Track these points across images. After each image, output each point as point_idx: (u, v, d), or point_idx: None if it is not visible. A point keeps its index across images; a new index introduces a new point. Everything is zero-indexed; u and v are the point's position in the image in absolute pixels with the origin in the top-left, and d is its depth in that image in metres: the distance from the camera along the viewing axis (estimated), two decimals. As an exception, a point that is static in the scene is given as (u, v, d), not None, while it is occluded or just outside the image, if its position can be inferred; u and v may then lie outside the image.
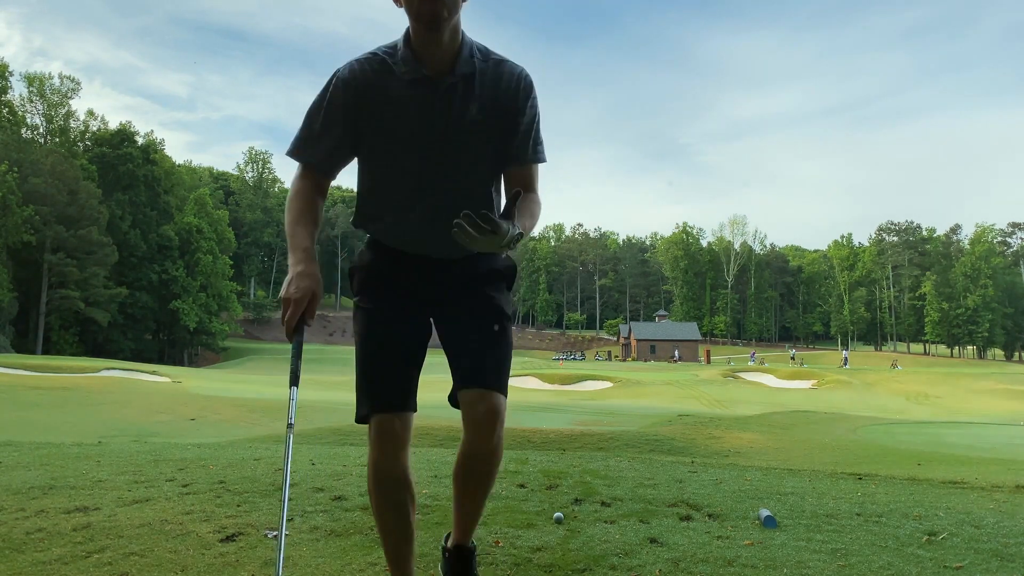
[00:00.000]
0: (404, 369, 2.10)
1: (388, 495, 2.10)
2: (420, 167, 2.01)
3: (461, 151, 2.01)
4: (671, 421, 16.46)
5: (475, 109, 1.99)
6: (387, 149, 2.02)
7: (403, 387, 2.10)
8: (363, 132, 2.02)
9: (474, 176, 2.08)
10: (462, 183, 2.06)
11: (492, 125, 2.02)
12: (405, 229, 2.10)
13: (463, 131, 1.99)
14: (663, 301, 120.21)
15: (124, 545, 2.95)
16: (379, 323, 2.12)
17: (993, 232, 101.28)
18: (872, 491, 4.96)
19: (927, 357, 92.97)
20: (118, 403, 19.55)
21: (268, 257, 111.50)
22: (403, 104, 1.97)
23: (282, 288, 1.97)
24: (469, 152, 2.02)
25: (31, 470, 4.93)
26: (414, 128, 1.98)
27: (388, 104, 1.97)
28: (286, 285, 1.96)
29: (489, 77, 2.01)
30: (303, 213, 2.06)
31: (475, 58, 2.00)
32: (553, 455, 6.80)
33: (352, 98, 1.99)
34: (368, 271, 2.19)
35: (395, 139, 2.00)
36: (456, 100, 1.97)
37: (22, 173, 56.88)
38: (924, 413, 26.63)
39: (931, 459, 9.90)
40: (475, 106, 1.99)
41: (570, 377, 41.10)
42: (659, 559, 2.86)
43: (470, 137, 2.01)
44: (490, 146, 2.05)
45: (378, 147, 2.03)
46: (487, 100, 2.01)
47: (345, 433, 11.88)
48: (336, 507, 3.71)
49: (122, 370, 34.00)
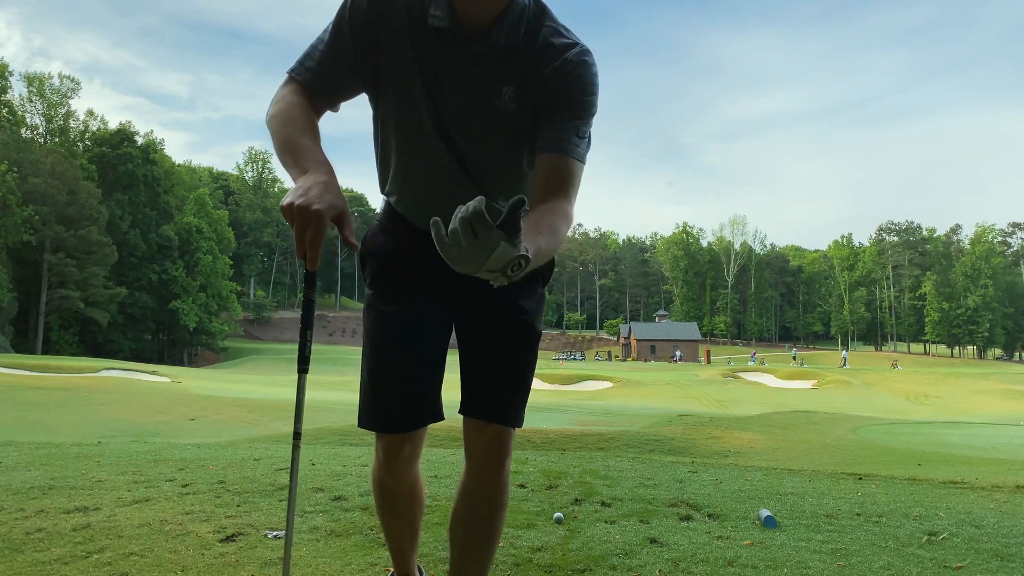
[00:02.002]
0: (423, 384, 1.82)
1: (394, 506, 1.96)
2: (433, 134, 1.64)
3: (482, 133, 1.65)
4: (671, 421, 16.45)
5: (509, 94, 1.61)
6: (399, 101, 1.65)
7: (420, 403, 1.83)
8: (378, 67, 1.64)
9: (498, 161, 1.70)
10: (484, 165, 1.69)
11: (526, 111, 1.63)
12: (419, 201, 1.75)
13: (486, 112, 1.63)
14: (663, 301, 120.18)
15: (124, 545, 2.95)
16: (397, 332, 1.79)
17: (993, 232, 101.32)
18: (872, 491, 4.96)
19: (927, 357, 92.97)
20: (118, 403, 19.54)
21: (268, 257, 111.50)
22: (424, 54, 1.60)
23: (290, 195, 1.41)
24: (493, 136, 1.66)
25: (31, 470, 4.92)
26: (430, 88, 1.61)
27: (411, 45, 1.60)
28: (299, 192, 1.41)
29: (536, 52, 1.60)
30: (308, 124, 1.59)
31: (522, 26, 1.59)
32: (553, 455, 6.79)
33: (375, 16, 1.60)
34: (384, 259, 1.83)
35: (411, 94, 1.63)
36: (483, 74, 1.60)
37: (22, 173, 56.84)
38: (924, 413, 26.62)
39: (931, 459, 9.90)
40: (509, 91, 1.61)
41: (570, 377, 41.10)
42: (659, 559, 2.85)
43: (496, 121, 1.64)
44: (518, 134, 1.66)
45: (390, 94, 1.66)
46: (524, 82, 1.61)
47: (345, 433, 11.87)
48: (336, 507, 3.71)
49: (122, 370, 33.97)
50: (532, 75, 1.61)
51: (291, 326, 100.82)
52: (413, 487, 1.95)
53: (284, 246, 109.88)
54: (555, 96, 1.60)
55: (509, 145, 1.67)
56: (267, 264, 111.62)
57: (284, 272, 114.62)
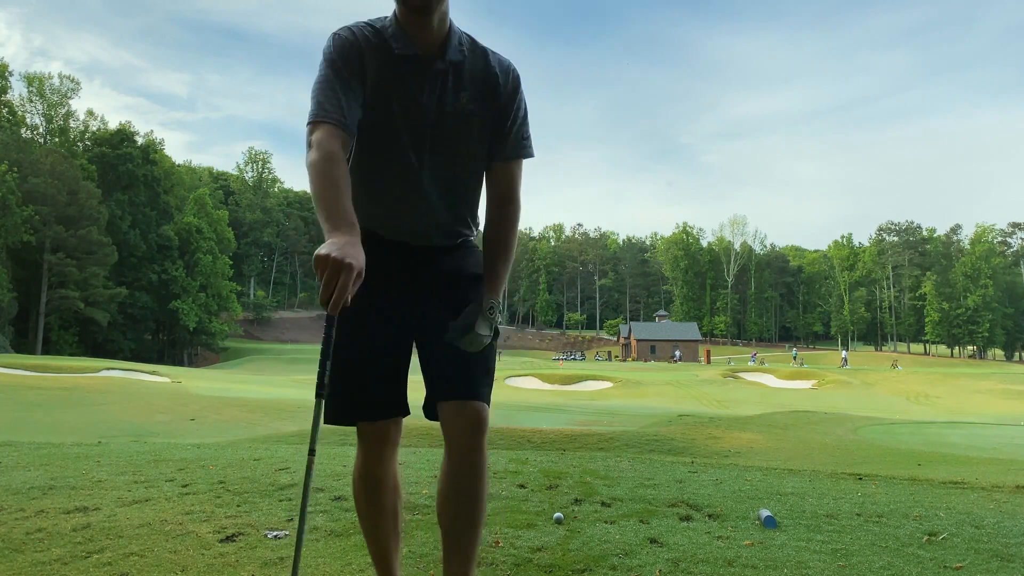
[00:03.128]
0: (392, 374, 2.03)
1: (375, 498, 2.08)
2: (408, 147, 1.93)
3: (449, 138, 1.95)
4: (671, 421, 16.45)
5: (465, 99, 1.95)
6: (375, 122, 1.91)
7: (392, 392, 2.03)
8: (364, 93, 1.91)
9: (460, 166, 2.00)
10: (448, 171, 1.98)
11: (482, 116, 1.97)
12: (387, 212, 1.99)
13: (453, 118, 1.93)
14: (663, 301, 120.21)
15: (124, 545, 2.95)
16: (363, 328, 1.98)
17: (993, 232, 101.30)
18: (872, 491, 4.96)
19: (927, 357, 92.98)
20: (118, 403, 19.53)
21: (268, 257, 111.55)
22: (397, 78, 1.90)
23: (326, 248, 1.60)
24: (457, 140, 1.96)
25: (31, 470, 4.93)
26: (406, 106, 1.91)
27: (382, 74, 1.89)
28: (336, 246, 1.60)
29: (479, 67, 1.97)
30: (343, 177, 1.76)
31: (463, 46, 1.95)
32: (553, 455, 6.79)
33: (357, 55, 1.88)
34: None
35: (387, 114, 1.91)
36: (448, 86, 1.93)
37: (22, 173, 56.85)
38: (924, 413, 26.61)
39: (931, 459, 9.89)
40: (465, 95, 1.95)
41: (570, 377, 41.09)
42: (659, 559, 2.85)
43: (460, 125, 1.95)
44: (478, 138, 1.99)
45: (367, 118, 1.91)
46: (477, 91, 1.96)
47: (345, 433, 11.86)
48: (336, 507, 3.71)
49: (122, 370, 33.96)
50: (485, 86, 1.97)
51: (291, 326, 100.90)
52: (395, 480, 2.12)
53: (284, 246, 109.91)
54: (508, 106, 2.00)
55: (470, 152, 1.99)
56: (267, 264, 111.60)
57: (284, 272, 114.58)
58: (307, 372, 51.83)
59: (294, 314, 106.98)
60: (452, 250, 2.08)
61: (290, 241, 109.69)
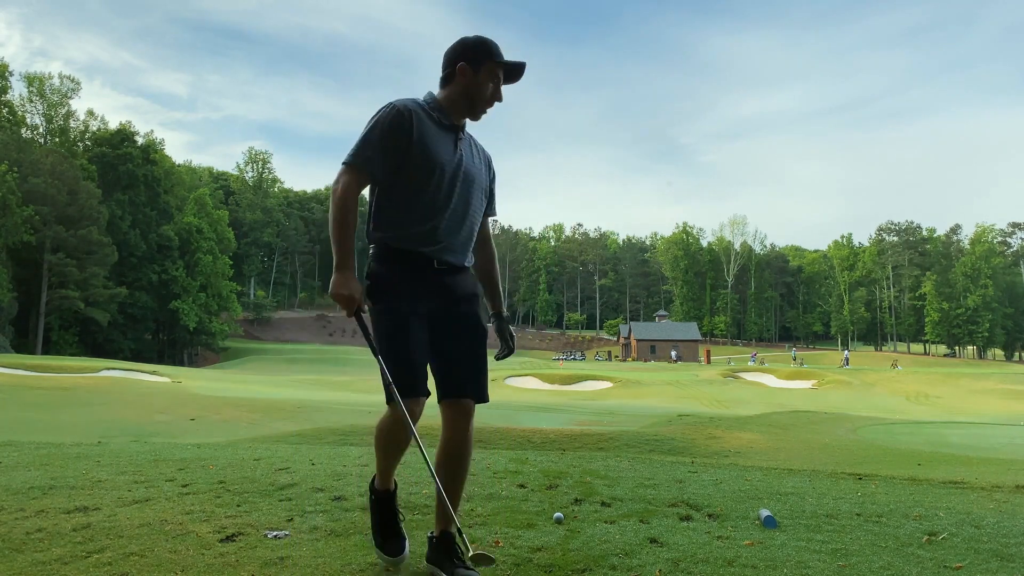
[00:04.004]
0: (425, 361, 2.66)
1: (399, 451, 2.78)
2: (448, 187, 2.66)
3: (473, 183, 2.75)
4: (671, 421, 16.45)
5: (478, 160, 2.80)
6: (427, 168, 2.61)
7: (425, 374, 2.66)
8: (410, 154, 2.59)
9: (479, 203, 2.79)
10: (472, 205, 2.75)
11: (484, 178, 2.83)
12: (429, 232, 2.63)
13: (475, 170, 2.76)
14: (663, 301, 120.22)
15: (124, 545, 2.95)
16: (404, 322, 2.61)
17: (993, 232, 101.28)
18: (872, 491, 4.96)
19: (927, 357, 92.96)
20: (118, 403, 19.54)
21: (268, 257, 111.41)
22: (440, 139, 2.67)
23: (339, 286, 2.53)
24: (477, 185, 2.76)
25: (31, 470, 4.93)
26: (446, 157, 2.66)
27: (430, 136, 2.63)
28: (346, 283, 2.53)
29: (477, 145, 2.86)
30: (355, 225, 2.58)
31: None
32: (553, 455, 6.80)
33: (409, 126, 2.59)
34: (384, 281, 2.66)
35: (435, 162, 2.62)
36: (470, 149, 2.78)
37: (22, 173, 56.84)
38: (924, 413, 26.62)
39: (931, 459, 9.90)
40: (478, 159, 2.81)
41: (570, 377, 41.12)
42: (659, 559, 2.86)
43: (477, 175, 2.77)
44: (484, 191, 2.83)
45: (422, 167, 2.60)
46: (481, 159, 2.83)
47: (345, 433, 11.88)
48: (336, 507, 3.71)
49: (122, 370, 33.99)
50: (483, 158, 2.86)
51: (291, 326, 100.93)
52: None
53: (284, 246, 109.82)
54: (493, 178, 2.93)
55: (479, 200, 2.80)
56: (267, 264, 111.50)
57: (284, 272, 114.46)
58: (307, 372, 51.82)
59: (294, 314, 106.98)
60: (463, 270, 2.76)
61: (290, 241, 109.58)
